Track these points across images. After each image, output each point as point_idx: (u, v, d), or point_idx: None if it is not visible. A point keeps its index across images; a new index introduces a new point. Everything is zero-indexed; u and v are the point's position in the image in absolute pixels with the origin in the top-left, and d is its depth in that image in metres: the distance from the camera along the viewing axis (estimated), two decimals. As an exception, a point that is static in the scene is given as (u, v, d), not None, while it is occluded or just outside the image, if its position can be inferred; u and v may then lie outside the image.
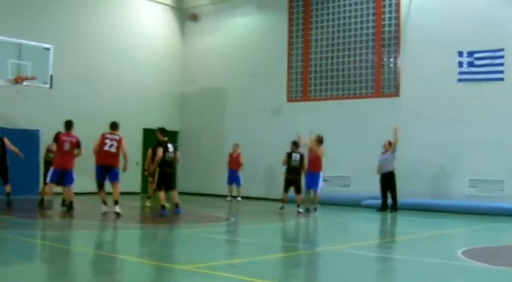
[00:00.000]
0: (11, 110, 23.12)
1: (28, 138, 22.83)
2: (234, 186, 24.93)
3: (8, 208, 17.56)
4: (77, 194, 17.97)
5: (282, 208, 19.59)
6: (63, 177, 17.11)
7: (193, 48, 30.19)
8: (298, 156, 19.72)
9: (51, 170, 17.31)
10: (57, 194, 18.51)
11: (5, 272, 8.71)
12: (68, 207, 17.10)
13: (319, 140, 19.77)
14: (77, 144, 17.28)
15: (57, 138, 17.43)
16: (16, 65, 20.70)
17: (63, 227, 14.98)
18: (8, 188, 18.33)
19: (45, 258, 10.42)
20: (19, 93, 21.22)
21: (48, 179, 17.66)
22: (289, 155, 19.74)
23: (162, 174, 17.40)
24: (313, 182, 19.62)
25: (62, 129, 17.57)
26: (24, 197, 20.95)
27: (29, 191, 22.39)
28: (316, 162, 19.60)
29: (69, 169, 17.15)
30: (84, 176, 19.14)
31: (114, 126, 17.66)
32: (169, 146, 17.55)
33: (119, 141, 17.11)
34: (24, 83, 20.54)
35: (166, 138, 17.75)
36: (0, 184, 18.69)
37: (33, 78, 20.72)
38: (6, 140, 18.39)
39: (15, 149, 18.41)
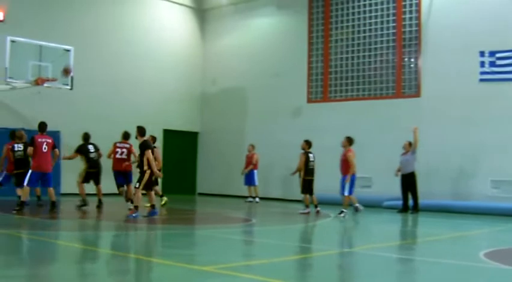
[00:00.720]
0: (32, 111, 23.20)
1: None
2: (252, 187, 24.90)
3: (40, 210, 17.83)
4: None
5: (308, 213, 19.22)
6: (44, 179, 17.12)
7: (214, 48, 30.21)
8: (313, 156, 19.72)
9: (29, 172, 17.03)
10: (91, 195, 18.82)
11: (25, 273, 8.73)
12: (51, 206, 17.02)
13: (349, 141, 19.32)
14: (53, 146, 17.29)
15: (32, 140, 17.10)
16: (37, 67, 20.83)
17: (84, 227, 15.00)
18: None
19: (67, 258, 10.43)
20: (40, 94, 21.28)
21: (25, 182, 17.04)
22: (307, 156, 19.55)
23: None
24: (341, 185, 19.33)
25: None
26: (46, 198, 20.99)
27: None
28: (342, 165, 19.29)
29: (49, 171, 17.15)
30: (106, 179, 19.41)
31: (125, 136, 18.96)
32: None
33: (129, 149, 18.65)
34: (44, 85, 20.63)
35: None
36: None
37: (53, 80, 20.82)
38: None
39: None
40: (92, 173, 18.97)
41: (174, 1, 29.37)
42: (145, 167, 16.13)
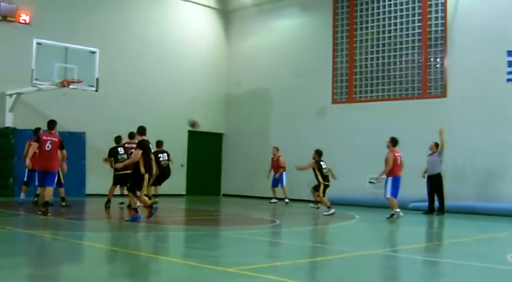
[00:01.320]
0: (58, 113, 23.23)
1: (74, 140, 23.00)
2: (279, 188, 24.80)
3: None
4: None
5: (332, 214, 19.17)
6: (44, 178, 16.33)
7: (238, 49, 30.22)
8: (325, 163, 20.37)
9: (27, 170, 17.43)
10: (120, 195, 18.97)
11: (54, 272, 8.77)
12: (43, 205, 16.10)
13: (391, 142, 18.50)
14: (60, 145, 16.65)
15: (38, 136, 16.78)
16: (62, 69, 20.94)
17: (107, 228, 15.04)
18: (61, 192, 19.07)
19: (91, 259, 10.46)
20: (65, 96, 21.40)
21: (25, 178, 18.00)
22: (319, 165, 20.15)
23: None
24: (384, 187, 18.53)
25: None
26: (71, 198, 21.12)
27: (75, 193, 22.58)
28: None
29: (51, 170, 16.41)
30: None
31: (131, 135, 19.28)
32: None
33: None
34: (70, 86, 20.75)
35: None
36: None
37: (79, 82, 20.93)
38: None
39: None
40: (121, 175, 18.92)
41: (199, 2, 29.42)
42: (142, 170, 15.41)
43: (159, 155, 20.10)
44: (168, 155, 20.69)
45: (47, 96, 22.17)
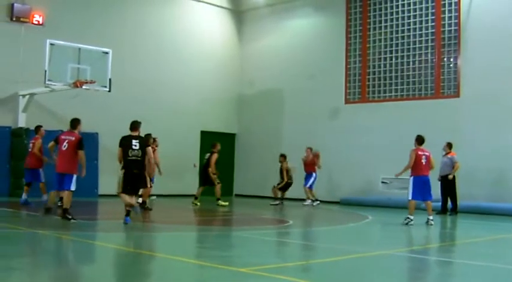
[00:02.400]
0: (71, 114, 23.20)
1: (87, 141, 22.93)
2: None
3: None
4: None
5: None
6: (61, 181, 15.20)
7: (251, 50, 30.21)
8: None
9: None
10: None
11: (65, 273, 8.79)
12: (63, 213, 15.04)
13: (417, 140, 17.48)
14: (77, 144, 15.21)
15: (56, 136, 15.80)
16: (75, 69, 20.98)
17: (119, 228, 15.05)
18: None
19: (102, 259, 10.48)
20: (78, 96, 21.45)
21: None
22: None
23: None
24: None
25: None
26: (84, 199, 21.18)
27: (88, 193, 22.64)
28: None
29: (65, 172, 15.14)
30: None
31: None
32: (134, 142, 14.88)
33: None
34: (83, 87, 20.78)
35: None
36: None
37: (92, 82, 20.95)
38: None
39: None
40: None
41: (211, 3, 29.42)
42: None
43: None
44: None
45: (60, 97, 22.23)
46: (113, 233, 14.11)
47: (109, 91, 21.68)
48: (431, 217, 16.87)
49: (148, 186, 18.37)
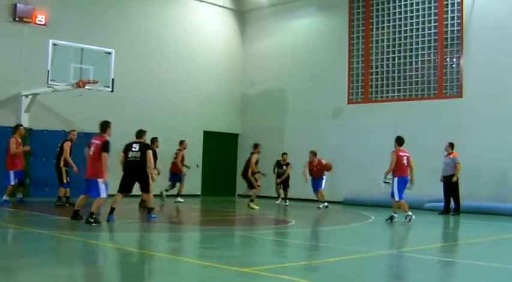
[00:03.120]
0: (74, 114, 23.43)
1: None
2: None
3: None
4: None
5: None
6: (89, 186, 14.52)
7: (254, 50, 30.21)
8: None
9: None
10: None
11: (71, 273, 8.80)
12: (88, 215, 14.31)
13: (396, 141, 17.62)
14: (102, 148, 14.37)
15: (88, 141, 15.10)
16: (78, 69, 20.98)
17: (124, 229, 15.05)
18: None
19: (106, 259, 10.49)
20: (81, 97, 21.45)
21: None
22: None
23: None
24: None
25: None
26: (90, 199, 21.18)
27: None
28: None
29: (93, 177, 14.38)
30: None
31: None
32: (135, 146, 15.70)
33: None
34: (86, 87, 20.78)
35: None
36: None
37: (95, 82, 20.95)
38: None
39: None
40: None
41: (214, 3, 29.44)
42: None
43: None
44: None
45: (63, 97, 22.24)
46: (117, 233, 14.13)
47: (112, 91, 21.69)
48: (396, 215, 17.28)
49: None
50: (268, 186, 25.13)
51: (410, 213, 17.15)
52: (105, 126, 15.06)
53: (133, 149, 15.55)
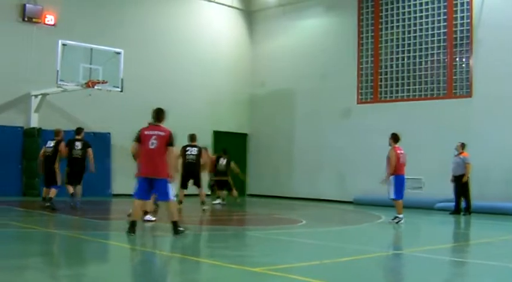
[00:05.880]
0: (83, 114, 23.47)
1: (99, 141, 23.09)
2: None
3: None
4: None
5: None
6: (154, 188, 12.57)
7: (262, 50, 30.18)
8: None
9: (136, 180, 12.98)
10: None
11: (82, 272, 8.79)
12: (174, 226, 12.52)
13: (393, 138, 17.28)
14: (168, 140, 12.55)
15: (138, 133, 12.88)
16: (87, 70, 21.04)
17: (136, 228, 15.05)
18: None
19: (117, 259, 10.49)
20: (90, 96, 21.48)
21: (135, 194, 12.87)
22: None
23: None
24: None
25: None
26: (96, 198, 21.24)
27: (101, 193, 22.73)
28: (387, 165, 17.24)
29: (160, 177, 12.36)
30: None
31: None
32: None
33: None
34: (95, 87, 20.82)
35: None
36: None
37: (104, 82, 21.00)
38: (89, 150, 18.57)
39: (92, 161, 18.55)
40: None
41: (223, 3, 29.44)
42: None
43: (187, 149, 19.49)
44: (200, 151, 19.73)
45: (72, 97, 22.29)
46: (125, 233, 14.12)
47: (121, 91, 21.74)
48: (402, 215, 16.81)
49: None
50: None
51: (402, 216, 16.72)
52: (162, 114, 13.20)
53: (191, 152, 19.12)
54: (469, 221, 19.14)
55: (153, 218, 14.98)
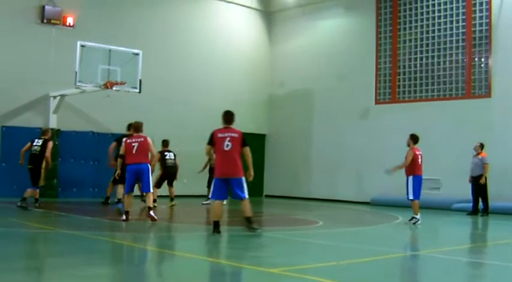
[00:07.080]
0: (101, 115, 23.58)
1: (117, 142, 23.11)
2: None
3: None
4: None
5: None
6: (234, 187, 13.45)
7: (281, 50, 30.17)
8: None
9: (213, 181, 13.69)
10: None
11: (94, 273, 8.83)
12: (248, 222, 13.66)
13: (412, 139, 17.40)
14: (242, 141, 13.75)
15: (210, 136, 13.60)
16: (106, 71, 21.11)
17: (150, 229, 15.09)
18: None
19: (131, 259, 10.54)
20: (109, 98, 21.57)
21: (210, 195, 14.06)
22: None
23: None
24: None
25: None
26: (113, 199, 21.30)
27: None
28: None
29: (237, 176, 13.48)
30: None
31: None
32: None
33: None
34: (113, 88, 20.89)
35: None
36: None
37: (122, 83, 21.05)
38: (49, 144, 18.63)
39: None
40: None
41: (241, 4, 29.44)
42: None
43: (165, 154, 20.51)
44: (175, 155, 20.72)
45: (91, 98, 22.40)
46: (141, 234, 14.17)
47: (139, 92, 21.80)
48: (418, 216, 16.84)
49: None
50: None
51: (418, 216, 16.78)
52: (231, 116, 13.90)
53: (170, 157, 20.30)
54: (487, 222, 19.06)
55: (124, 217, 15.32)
